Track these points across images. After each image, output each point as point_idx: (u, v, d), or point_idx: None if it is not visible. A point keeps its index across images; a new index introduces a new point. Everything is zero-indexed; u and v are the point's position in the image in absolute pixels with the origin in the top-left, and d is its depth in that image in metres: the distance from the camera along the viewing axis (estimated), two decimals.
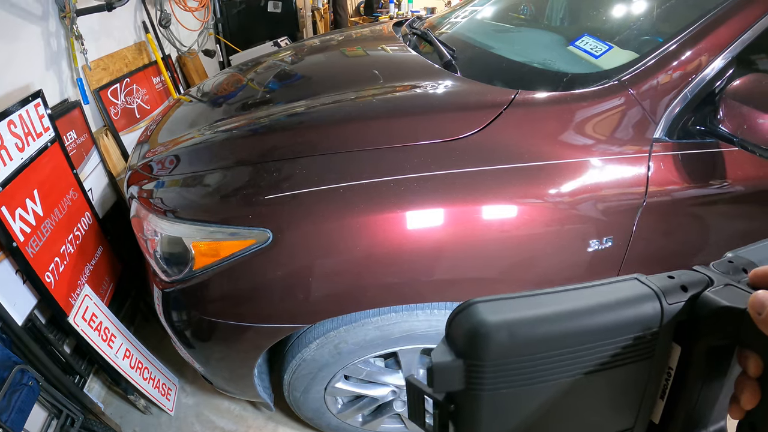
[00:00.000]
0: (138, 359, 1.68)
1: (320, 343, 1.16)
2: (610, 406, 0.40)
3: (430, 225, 1.00)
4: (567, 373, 0.36)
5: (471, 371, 0.34)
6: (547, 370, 0.35)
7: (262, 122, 1.27)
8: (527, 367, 0.35)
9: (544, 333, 0.34)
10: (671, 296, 0.36)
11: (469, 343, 0.34)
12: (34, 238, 1.47)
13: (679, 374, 0.38)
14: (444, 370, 0.35)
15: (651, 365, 0.38)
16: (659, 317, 0.36)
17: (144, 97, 2.66)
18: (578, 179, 1.03)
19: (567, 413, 0.38)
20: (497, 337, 0.33)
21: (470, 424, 0.37)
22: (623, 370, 0.37)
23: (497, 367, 0.34)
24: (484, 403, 0.35)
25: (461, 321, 0.35)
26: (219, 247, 1.04)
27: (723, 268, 0.38)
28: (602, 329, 0.35)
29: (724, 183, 1.09)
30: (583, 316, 0.35)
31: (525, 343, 0.34)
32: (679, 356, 0.38)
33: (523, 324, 0.34)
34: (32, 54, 1.88)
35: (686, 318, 0.36)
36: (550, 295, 0.36)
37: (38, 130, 1.59)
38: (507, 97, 1.11)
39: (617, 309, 0.35)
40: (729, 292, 0.36)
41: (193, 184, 1.16)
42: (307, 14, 4.65)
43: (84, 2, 2.15)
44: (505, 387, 0.35)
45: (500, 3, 1.92)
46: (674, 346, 0.38)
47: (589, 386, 0.37)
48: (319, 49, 2.03)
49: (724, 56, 1.04)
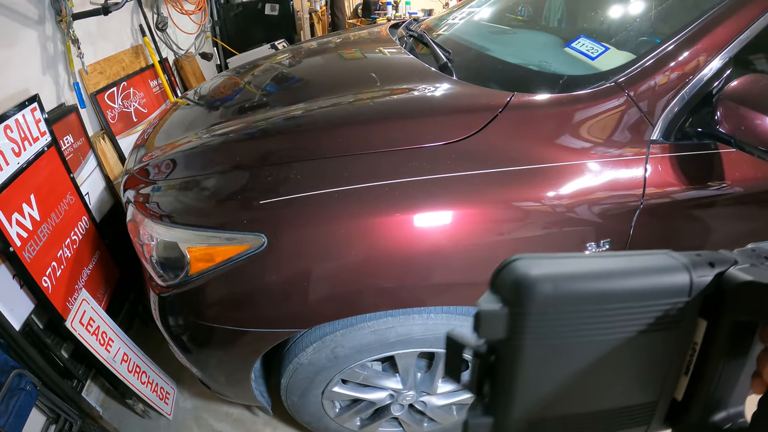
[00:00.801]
0: (136, 363, 1.67)
1: (317, 347, 1.15)
2: (638, 376, 0.42)
3: (425, 229, 0.99)
4: (602, 333, 0.38)
5: (515, 320, 0.37)
6: (584, 327, 0.38)
7: (259, 126, 1.27)
8: (566, 322, 0.37)
9: (585, 288, 0.37)
10: (699, 270, 0.38)
11: (516, 292, 0.36)
12: (30, 242, 1.47)
13: (704, 350, 0.40)
14: (490, 317, 0.37)
15: (678, 336, 0.40)
16: (688, 288, 0.38)
17: (141, 101, 2.66)
18: (575, 182, 1.02)
19: (597, 377, 0.41)
20: (542, 288, 0.36)
21: (507, 376, 0.39)
22: (652, 338, 0.39)
23: (539, 318, 0.36)
24: (524, 354, 0.38)
25: (508, 272, 0.38)
26: (214, 252, 1.04)
27: (747, 254, 0.41)
28: (637, 292, 0.38)
29: (722, 184, 1.08)
30: (621, 277, 0.38)
31: (567, 296, 0.36)
32: (705, 331, 0.40)
33: (567, 278, 0.37)
34: (28, 58, 1.87)
35: (712, 292, 0.38)
36: (589, 258, 0.39)
37: (35, 134, 1.59)
38: (502, 99, 1.11)
39: (651, 275, 0.38)
40: (754, 270, 0.38)
41: (189, 189, 1.16)
42: (304, 17, 4.65)
43: (80, 6, 2.15)
44: (544, 339, 0.37)
45: (497, 5, 1.92)
46: (700, 321, 0.40)
47: (620, 351, 0.39)
48: (316, 51, 2.02)
49: (722, 57, 1.04)
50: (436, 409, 1.42)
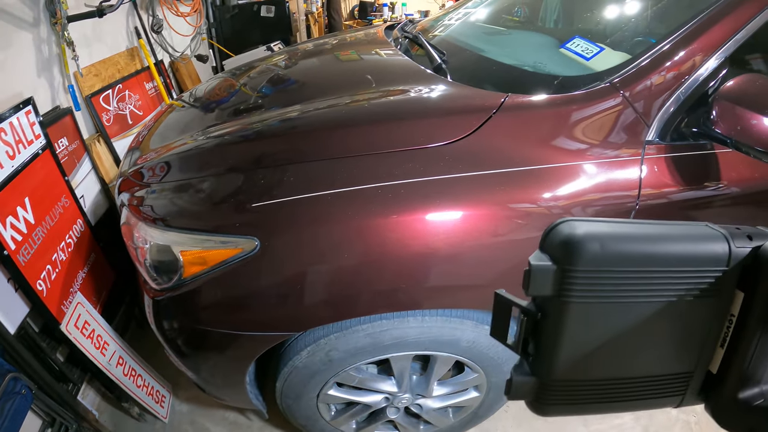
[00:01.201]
0: (131, 367, 1.66)
1: (311, 350, 1.15)
2: (676, 344, 0.43)
3: (420, 231, 0.99)
4: (644, 296, 0.40)
5: (564, 277, 0.38)
6: (628, 288, 0.39)
7: (255, 128, 1.26)
8: (611, 282, 0.39)
9: (630, 250, 0.38)
10: (738, 241, 0.40)
11: (565, 250, 0.38)
12: (25, 246, 1.46)
13: (740, 322, 0.41)
14: (540, 273, 0.38)
15: (716, 306, 0.41)
16: (727, 257, 0.39)
17: (136, 103, 2.65)
18: (570, 183, 1.02)
19: (638, 342, 0.42)
20: (590, 247, 0.37)
21: (553, 334, 0.40)
22: (691, 306, 0.41)
23: (587, 276, 0.38)
24: (570, 312, 0.39)
25: (557, 232, 0.39)
26: (207, 256, 1.03)
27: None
28: (679, 258, 0.39)
29: (718, 185, 1.08)
30: (664, 242, 0.39)
31: (613, 256, 0.38)
32: (742, 303, 0.41)
33: (614, 238, 0.38)
34: (23, 61, 1.87)
35: (750, 264, 0.39)
36: (633, 224, 0.41)
37: (29, 137, 1.58)
38: (496, 101, 1.10)
39: (693, 242, 0.40)
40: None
41: (183, 192, 1.15)
42: (300, 18, 4.65)
43: (75, 8, 2.15)
44: (590, 299, 0.39)
45: (491, 6, 1.92)
46: (737, 293, 0.41)
47: (660, 316, 0.41)
48: (311, 53, 2.02)
49: (717, 57, 1.04)
50: (431, 412, 1.42)
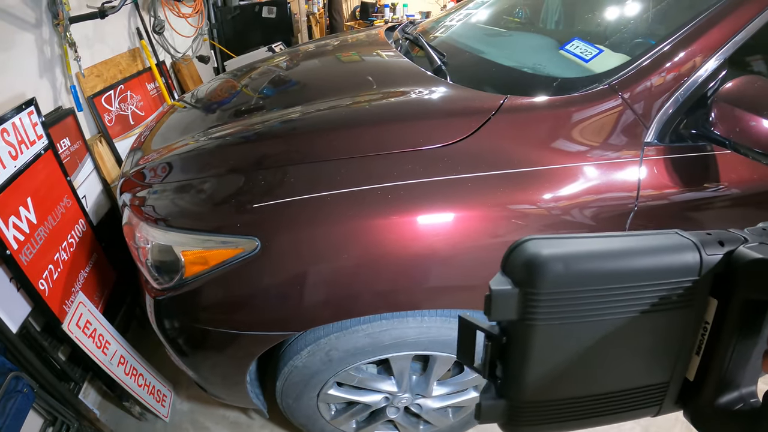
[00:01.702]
0: (133, 366, 1.67)
1: (311, 350, 1.15)
2: (649, 356, 0.42)
3: (420, 232, 0.99)
4: (613, 312, 0.38)
5: (527, 300, 0.36)
6: (596, 306, 0.38)
7: (256, 129, 1.27)
8: (578, 302, 0.37)
9: (596, 268, 0.37)
10: (709, 248, 0.38)
11: (527, 272, 0.36)
12: (27, 245, 1.47)
13: (715, 329, 0.40)
14: (502, 298, 0.37)
15: (689, 316, 0.40)
16: (698, 266, 0.38)
17: (138, 104, 2.66)
18: (569, 185, 1.02)
19: (610, 358, 0.41)
20: (553, 268, 0.36)
21: (520, 358, 0.39)
22: (664, 317, 0.39)
23: (551, 298, 0.36)
24: (536, 334, 0.37)
25: (519, 253, 0.38)
26: (208, 256, 1.04)
27: (757, 232, 0.40)
28: (648, 271, 0.38)
29: (717, 186, 1.08)
30: (631, 257, 0.37)
31: (578, 275, 0.36)
32: (716, 310, 0.40)
33: (577, 258, 0.37)
34: (25, 61, 1.88)
35: (723, 271, 0.38)
36: (598, 238, 0.39)
37: (31, 137, 1.59)
38: (495, 102, 1.11)
39: (661, 254, 0.38)
40: (764, 248, 0.38)
41: (185, 192, 1.16)
42: (302, 19, 4.66)
43: (77, 9, 2.16)
44: (556, 320, 0.37)
45: (492, 7, 1.92)
46: (711, 300, 0.40)
47: (631, 331, 0.39)
48: (312, 54, 2.03)
49: (716, 58, 1.04)
50: (431, 412, 1.42)
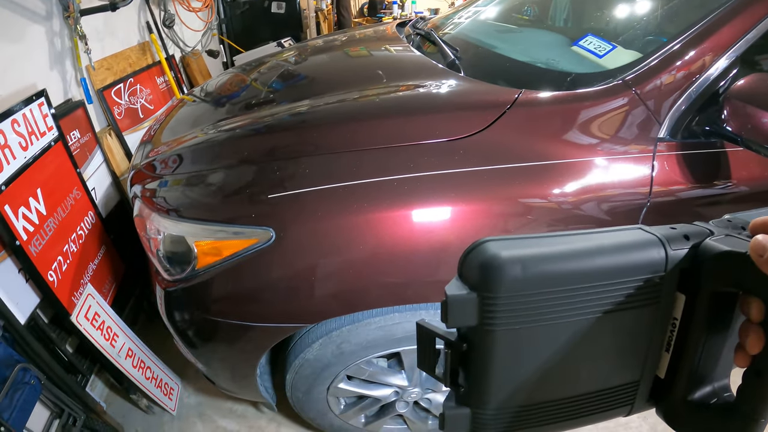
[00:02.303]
0: (140, 359, 1.68)
1: (323, 342, 1.15)
2: (618, 356, 0.40)
3: (434, 224, 0.99)
4: (577, 314, 0.37)
5: (485, 305, 0.35)
6: (558, 308, 0.36)
7: (266, 121, 1.27)
8: (539, 304, 0.35)
9: (555, 269, 0.35)
10: (674, 243, 0.37)
11: (484, 276, 0.35)
12: (36, 237, 1.47)
13: (684, 325, 0.39)
14: (458, 304, 0.35)
15: (656, 313, 0.39)
16: (664, 262, 0.37)
17: (148, 97, 2.67)
18: (582, 179, 1.02)
19: (577, 360, 0.39)
20: (510, 271, 0.34)
21: (481, 364, 0.37)
22: (630, 316, 0.38)
23: (510, 302, 0.35)
24: (497, 340, 0.36)
25: (475, 256, 0.36)
26: (221, 246, 1.04)
27: (722, 224, 0.40)
28: (610, 270, 0.36)
29: (728, 183, 1.08)
30: (593, 256, 0.36)
31: (537, 278, 0.35)
32: (684, 305, 0.39)
33: (536, 260, 0.35)
34: (36, 54, 1.88)
35: (689, 265, 0.37)
36: (559, 237, 0.37)
37: (42, 129, 1.59)
38: (510, 96, 1.11)
39: (625, 252, 0.37)
40: (729, 240, 0.37)
41: (196, 183, 1.16)
42: (310, 15, 4.66)
43: (88, 2, 2.16)
44: (517, 324, 0.36)
45: (504, 4, 1.92)
46: (678, 296, 0.39)
47: (597, 331, 0.38)
48: (322, 49, 2.03)
49: (728, 56, 1.04)
50: (441, 407, 1.42)
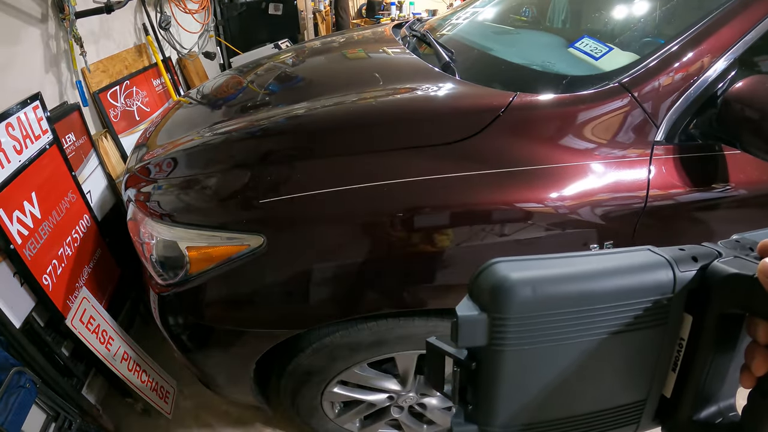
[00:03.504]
0: (136, 362, 1.67)
1: (315, 348, 1.14)
2: (624, 377, 0.41)
3: (427, 229, 0.99)
4: (585, 334, 0.37)
5: (495, 325, 0.35)
6: (567, 330, 0.36)
7: (261, 125, 1.26)
8: (548, 325, 0.36)
9: (565, 291, 0.36)
10: (683, 265, 0.37)
11: (494, 297, 0.35)
12: (31, 240, 1.47)
13: (691, 345, 0.39)
14: (469, 324, 0.35)
15: (664, 333, 0.39)
16: (672, 284, 0.37)
17: (144, 100, 2.66)
18: (578, 183, 1.01)
19: (584, 379, 0.39)
20: (521, 292, 0.35)
21: (490, 383, 0.38)
22: (638, 336, 0.38)
23: (520, 323, 0.35)
24: (506, 360, 0.36)
25: (486, 277, 0.36)
26: (213, 252, 1.04)
27: (730, 245, 0.40)
28: (619, 292, 0.36)
29: (726, 186, 1.07)
30: (602, 278, 0.36)
31: (547, 299, 0.35)
32: (691, 326, 0.39)
33: (546, 281, 0.35)
34: (31, 56, 1.88)
35: (697, 287, 0.37)
36: (568, 258, 0.38)
37: (36, 132, 1.59)
38: (505, 99, 1.10)
39: (633, 273, 0.37)
40: (737, 262, 0.37)
41: (190, 188, 1.15)
42: (308, 16, 4.65)
43: (83, 4, 2.16)
44: (526, 344, 0.36)
45: (500, 5, 1.91)
46: (686, 316, 0.39)
47: (605, 351, 0.38)
48: (319, 51, 2.02)
49: (726, 58, 1.03)
50: (435, 411, 1.41)
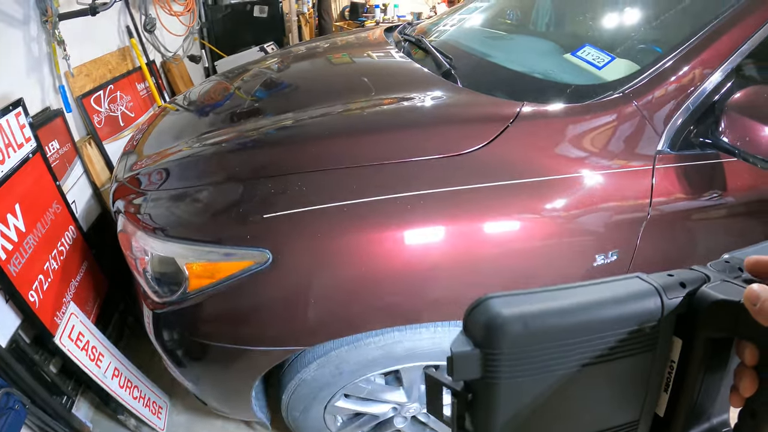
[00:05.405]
0: (127, 378, 1.62)
1: (321, 363, 1.12)
2: (617, 399, 0.42)
3: (433, 243, 0.97)
4: (577, 363, 0.38)
5: (488, 360, 0.37)
6: (559, 360, 0.38)
7: (251, 136, 1.22)
8: (540, 357, 0.37)
9: (555, 324, 0.37)
10: (671, 292, 0.39)
11: (486, 333, 0.36)
12: (16, 255, 1.41)
13: (681, 367, 0.41)
14: (463, 359, 0.37)
15: (654, 358, 0.40)
16: (660, 311, 0.38)
17: (128, 105, 2.59)
18: (583, 193, 1.01)
19: (577, 404, 0.41)
20: (512, 328, 0.36)
21: (486, 413, 0.39)
22: (629, 362, 0.40)
23: (512, 356, 0.36)
24: (500, 391, 0.38)
25: (478, 314, 0.37)
26: (215, 269, 1.00)
27: (720, 267, 0.41)
28: (608, 321, 0.38)
29: (726, 195, 1.09)
30: (591, 310, 0.38)
31: (538, 333, 0.37)
32: (681, 349, 0.40)
33: (536, 316, 0.37)
34: (12, 60, 1.80)
35: (685, 312, 0.39)
36: (559, 291, 0.39)
37: (19, 140, 1.52)
38: (513, 109, 1.08)
39: (622, 303, 0.38)
40: (725, 287, 0.38)
41: (184, 201, 1.11)
42: (292, 19, 4.60)
43: (67, 6, 2.09)
44: (519, 376, 0.37)
45: (498, 9, 1.91)
46: (675, 340, 0.40)
47: (597, 378, 0.40)
48: (308, 56, 1.99)
49: (726, 68, 1.04)
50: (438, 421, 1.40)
